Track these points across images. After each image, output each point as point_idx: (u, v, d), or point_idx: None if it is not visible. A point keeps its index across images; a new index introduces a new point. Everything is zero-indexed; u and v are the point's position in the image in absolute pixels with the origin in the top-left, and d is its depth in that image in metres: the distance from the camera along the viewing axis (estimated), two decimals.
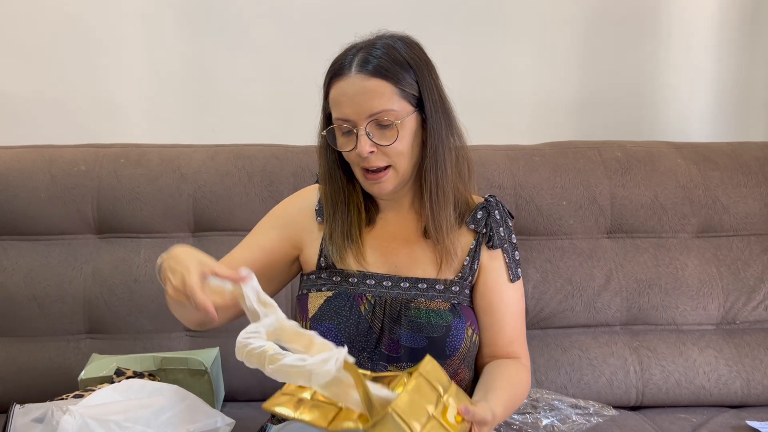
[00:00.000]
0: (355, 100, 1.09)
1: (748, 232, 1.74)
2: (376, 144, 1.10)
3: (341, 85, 1.11)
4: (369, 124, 1.10)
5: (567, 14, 2.05)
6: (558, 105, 2.08)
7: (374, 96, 1.09)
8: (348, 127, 1.11)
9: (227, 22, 1.99)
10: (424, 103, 1.13)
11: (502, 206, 1.26)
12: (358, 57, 1.11)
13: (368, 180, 1.14)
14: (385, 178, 1.13)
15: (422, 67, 1.14)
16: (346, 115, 1.10)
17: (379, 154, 1.11)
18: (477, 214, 1.23)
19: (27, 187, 1.65)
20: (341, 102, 1.11)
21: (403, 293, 1.17)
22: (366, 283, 1.18)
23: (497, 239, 1.22)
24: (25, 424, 1.19)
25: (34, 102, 1.99)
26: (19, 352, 1.62)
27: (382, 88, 1.09)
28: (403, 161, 1.13)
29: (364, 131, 1.09)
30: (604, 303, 1.68)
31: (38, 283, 1.63)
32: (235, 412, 1.43)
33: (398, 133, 1.10)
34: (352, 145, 1.12)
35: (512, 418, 1.53)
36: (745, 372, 1.64)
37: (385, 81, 1.09)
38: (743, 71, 2.11)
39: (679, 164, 1.75)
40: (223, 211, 1.67)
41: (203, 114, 2.02)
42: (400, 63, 1.11)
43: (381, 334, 1.15)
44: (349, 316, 1.15)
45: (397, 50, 1.12)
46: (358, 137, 1.10)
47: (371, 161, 1.11)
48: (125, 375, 1.41)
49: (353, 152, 1.12)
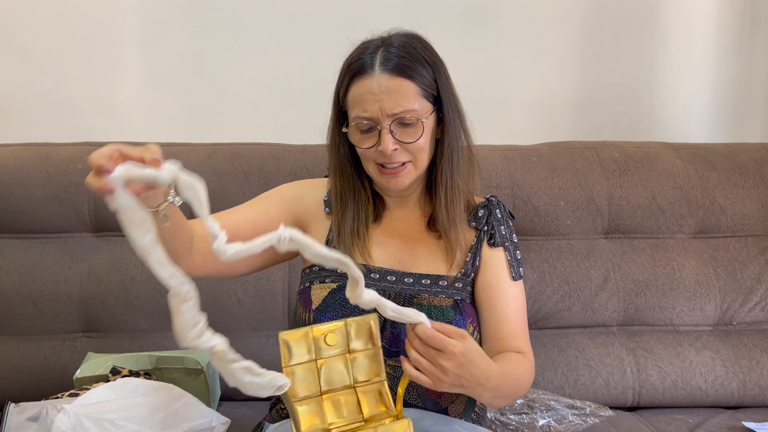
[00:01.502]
0: (381, 99, 1.10)
1: (746, 233, 1.74)
2: (399, 142, 1.12)
3: (365, 84, 1.12)
4: (393, 124, 1.11)
5: (565, 14, 2.05)
6: (556, 105, 2.09)
7: (399, 95, 1.10)
8: (369, 124, 1.12)
9: (224, 20, 1.99)
10: (441, 101, 1.16)
11: (503, 206, 1.28)
12: (379, 55, 1.12)
13: (385, 175, 1.15)
14: (403, 172, 1.15)
15: (439, 65, 1.16)
16: (370, 113, 1.11)
17: (402, 151, 1.13)
18: (478, 212, 1.24)
19: (23, 185, 1.65)
20: (366, 100, 1.12)
21: (406, 288, 1.17)
22: (370, 277, 1.18)
23: (498, 237, 1.23)
24: (20, 423, 1.18)
25: (31, 100, 1.98)
26: (15, 350, 1.61)
27: (406, 88, 1.11)
28: (423, 157, 1.16)
29: (388, 129, 1.11)
30: (601, 303, 1.68)
31: (34, 281, 1.62)
32: (231, 411, 1.43)
33: (423, 130, 1.12)
34: (372, 142, 1.13)
35: (509, 419, 1.53)
36: (742, 373, 1.64)
37: (408, 80, 1.11)
38: (741, 72, 2.12)
39: (676, 165, 1.75)
40: (220, 210, 1.66)
41: (200, 113, 2.02)
42: (419, 60, 1.13)
43: (383, 328, 1.15)
44: (353, 308, 1.14)
45: (414, 48, 1.14)
46: (381, 135, 1.11)
47: (393, 158, 1.13)
48: (121, 374, 1.41)
49: (373, 149, 1.13)
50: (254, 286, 1.65)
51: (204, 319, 0.84)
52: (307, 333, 0.94)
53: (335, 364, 0.95)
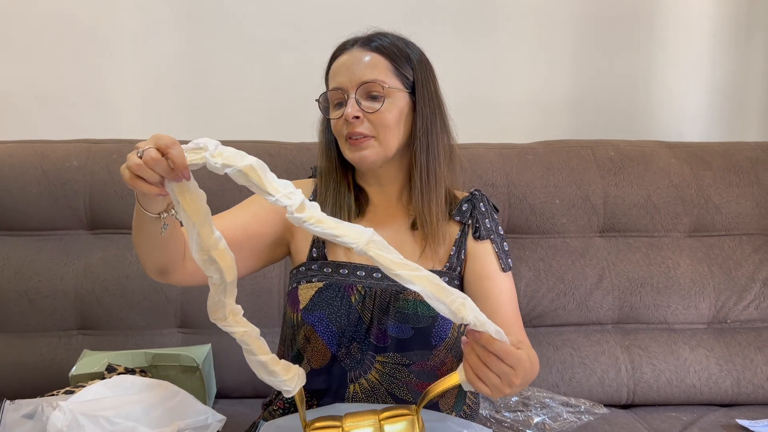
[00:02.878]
0: (350, 69, 1.15)
1: (740, 231, 1.75)
2: (364, 111, 1.14)
3: (340, 60, 1.18)
4: (359, 91, 1.14)
5: (561, 13, 2.06)
6: (552, 104, 2.09)
7: (368, 66, 1.15)
8: (340, 98, 1.16)
9: (221, 18, 1.99)
10: (416, 89, 1.18)
11: (487, 200, 1.28)
12: (361, 39, 1.19)
13: (351, 145, 1.17)
14: (366, 144, 1.16)
15: (423, 62, 1.21)
16: (340, 83, 1.16)
17: (365, 122, 1.15)
18: (462, 207, 1.24)
19: (18, 182, 1.65)
20: (338, 72, 1.17)
21: (392, 284, 1.17)
22: (356, 274, 1.18)
23: (483, 230, 1.23)
24: (16, 420, 1.18)
25: (27, 97, 1.98)
26: (10, 347, 1.61)
27: (378, 61, 1.16)
28: (387, 135, 1.16)
29: (353, 97, 1.14)
30: (596, 301, 1.68)
31: (29, 278, 1.62)
32: (227, 409, 1.44)
33: (385, 100, 1.14)
34: (341, 113, 1.16)
35: (504, 416, 1.53)
36: (736, 371, 1.64)
37: (383, 57, 1.16)
38: (736, 71, 2.12)
39: (671, 164, 1.76)
40: (216, 208, 1.65)
41: (197, 110, 2.02)
42: (401, 50, 1.18)
43: (370, 325, 1.15)
44: (340, 306, 1.15)
45: (398, 38, 1.21)
46: (347, 102, 1.15)
47: (355, 126, 1.14)
48: (116, 371, 1.41)
49: (341, 120, 1.16)
50: (250, 283, 1.65)
51: (231, 305, 0.90)
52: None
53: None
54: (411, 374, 1.14)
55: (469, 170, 1.70)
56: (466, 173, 1.69)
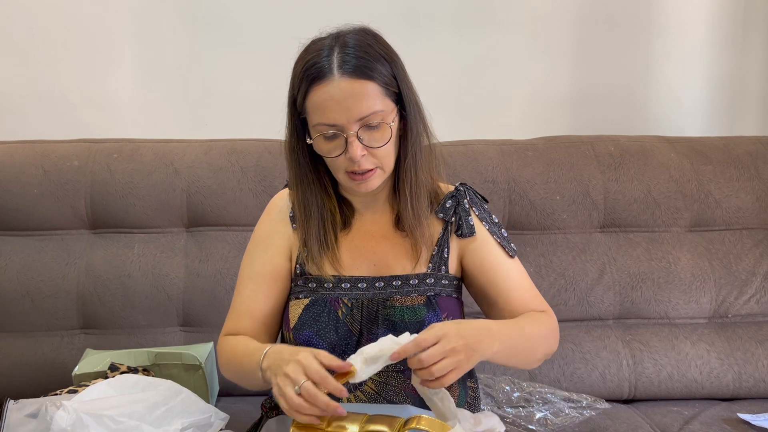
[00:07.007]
0: (344, 105, 1.06)
1: (740, 226, 1.75)
2: (367, 147, 1.09)
3: (325, 90, 1.07)
4: (359, 128, 1.07)
5: (560, 9, 2.05)
6: (551, 99, 2.09)
7: (362, 98, 1.06)
8: (334, 131, 1.08)
9: (220, 16, 1.99)
10: (402, 98, 1.12)
11: (473, 192, 1.24)
12: (336, 58, 1.07)
13: (355, 181, 1.12)
14: (372, 177, 1.12)
15: (395, 59, 1.12)
16: (334, 120, 1.07)
17: (368, 157, 1.10)
18: (446, 204, 1.21)
19: (19, 182, 1.65)
20: (329, 107, 1.07)
21: (378, 293, 1.16)
22: (341, 287, 1.17)
23: (466, 228, 1.20)
24: (20, 420, 1.19)
25: (27, 97, 1.98)
26: (13, 347, 1.61)
27: (368, 89, 1.07)
28: (390, 161, 1.13)
29: (355, 135, 1.07)
30: (597, 297, 1.69)
31: (31, 278, 1.62)
32: (230, 407, 1.44)
33: (391, 133, 1.10)
34: (340, 151, 1.09)
35: (506, 412, 1.54)
36: (737, 365, 1.65)
37: (369, 81, 1.07)
38: (736, 66, 2.12)
39: (671, 159, 1.76)
40: (217, 206, 1.67)
41: (197, 109, 2.02)
42: (376, 58, 1.09)
43: (360, 336, 1.15)
44: (327, 321, 1.14)
45: (370, 45, 1.10)
46: (348, 142, 1.07)
47: (362, 164, 1.09)
48: (119, 370, 1.41)
49: (341, 157, 1.09)
50: None
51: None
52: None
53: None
54: (407, 380, 1.14)
55: (469, 167, 1.70)
56: (465, 170, 1.69)
